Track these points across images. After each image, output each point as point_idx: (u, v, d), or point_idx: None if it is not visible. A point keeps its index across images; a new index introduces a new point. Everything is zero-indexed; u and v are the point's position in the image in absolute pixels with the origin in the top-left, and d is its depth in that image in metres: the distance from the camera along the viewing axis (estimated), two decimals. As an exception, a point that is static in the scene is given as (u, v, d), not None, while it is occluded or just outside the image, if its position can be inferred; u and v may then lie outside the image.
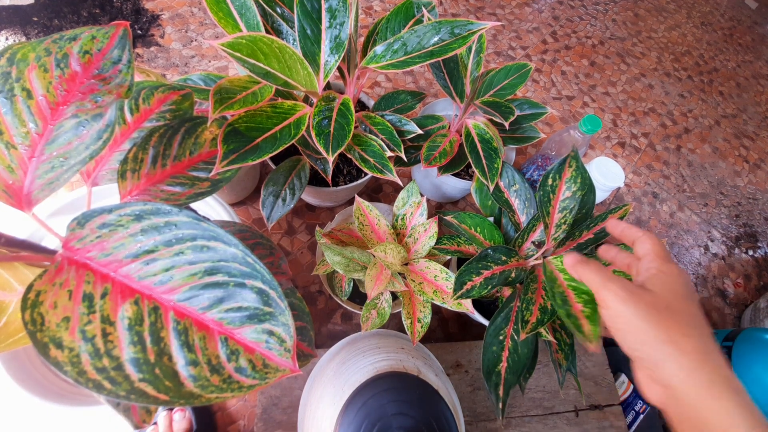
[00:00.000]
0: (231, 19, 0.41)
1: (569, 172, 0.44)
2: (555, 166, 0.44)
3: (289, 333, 0.19)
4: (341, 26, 0.41)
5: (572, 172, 0.44)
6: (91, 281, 0.18)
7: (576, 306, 0.37)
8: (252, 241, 0.34)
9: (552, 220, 0.43)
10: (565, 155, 0.67)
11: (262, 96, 0.40)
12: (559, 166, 0.44)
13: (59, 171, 0.22)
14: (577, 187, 0.43)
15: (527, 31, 1.14)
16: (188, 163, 0.31)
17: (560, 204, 0.43)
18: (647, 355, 0.23)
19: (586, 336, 0.35)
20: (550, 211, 0.43)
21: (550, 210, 0.43)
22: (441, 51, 0.40)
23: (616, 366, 0.72)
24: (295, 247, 0.70)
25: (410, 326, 0.49)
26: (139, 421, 0.25)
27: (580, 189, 0.43)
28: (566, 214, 0.42)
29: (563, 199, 0.43)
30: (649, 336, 0.23)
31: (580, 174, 0.43)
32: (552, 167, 0.44)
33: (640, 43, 1.26)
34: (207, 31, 0.88)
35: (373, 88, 0.91)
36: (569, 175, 0.44)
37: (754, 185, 1.06)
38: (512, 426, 0.59)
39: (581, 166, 0.45)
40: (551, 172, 0.44)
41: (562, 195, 0.43)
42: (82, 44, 0.24)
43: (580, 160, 0.44)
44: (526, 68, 0.57)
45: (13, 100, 0.22)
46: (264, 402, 0.54)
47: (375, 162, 0.46)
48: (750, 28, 1.49)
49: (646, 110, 1.10)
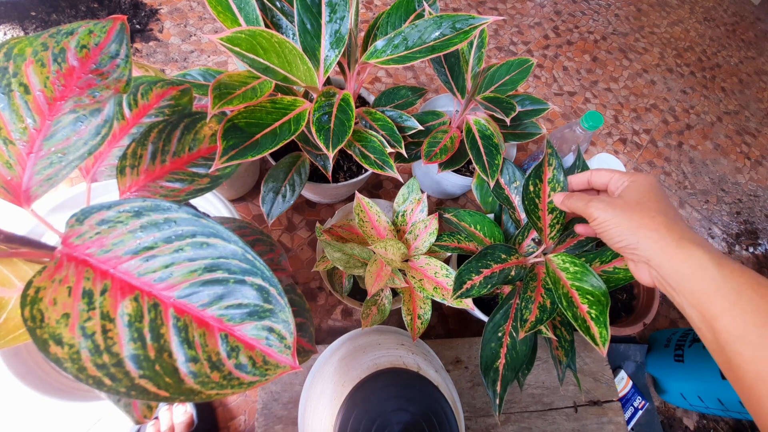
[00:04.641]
0: (230, 13, 0.41)
1: (550, 172, 0.42)
2: (532, 171, 0.42)
3: (289, 330, 0.19)
4: (341, 21, 0.41)
5: (554, 171, 0.42)
6: (90, 278, 0.18)
7: (582, 307, 0.37)
8: (252, 237, 0.34)
9: (545, 222, 0.42)
10: (565, 152, 0.66)
11: (262, 91, 0.40)
12: (536, 170, 0.42)
13: (58, 167, 0.22)
14: (561, 187, 0.41)
15: (529, 26, 1.13)
16: (187, 159, 0.31)
17: (549, 205, 0.42)
18: (628, 242, 0.29)
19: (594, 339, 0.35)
20: (540, 215, 0.42)
21: (539, 215, 0.42)
22: (442, 46, 0.40)
23: (616, 362, 0.72)
24: (295, 243, 0.70)
25: (410, 322, 0.49)
26: (140, 417, 0.25)
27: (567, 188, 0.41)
28: (557, 214, 0.42)
29: (551, 200, 0.42)
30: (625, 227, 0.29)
31: (562, 171, 0.41)
32: (529, 173, 0.42)
33: (643, 38, 1.25)
34: (206, 25, 0.87)
35: (373, 84, 0.90)
36: (551, 175, 0.42)
37: (755, 182, 1.06)
38: (512, 421, 0.59)
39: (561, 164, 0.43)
40: (530, 177, 0.42)
41: (549, 197, 0.42)
42: (79, 39, 0.23)
43: (559, 159, 0.42)
44: (528, 64, 0.57)
45: (10, 95, 0.22)
46: (265, 397, 0.55)
47: (375, 158, 0.46)
48: (753, 24, 1.48)
49: (647, 106, 1.09)
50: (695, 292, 0.25)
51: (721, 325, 0.23)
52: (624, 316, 0.70)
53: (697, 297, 0.25)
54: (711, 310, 0.24)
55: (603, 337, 0.35)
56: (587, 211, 0.32)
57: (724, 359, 0.24)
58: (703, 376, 0.62)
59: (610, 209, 0.30)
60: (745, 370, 0.22)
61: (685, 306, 0.26)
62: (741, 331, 0.22)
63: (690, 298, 0.25)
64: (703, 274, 0.25)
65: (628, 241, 0.29)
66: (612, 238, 0.30)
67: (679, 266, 0.26)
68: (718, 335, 0.24)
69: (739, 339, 0.22)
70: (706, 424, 0.72)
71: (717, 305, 0.24)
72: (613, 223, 0.30)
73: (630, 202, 0.30)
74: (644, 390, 0.71)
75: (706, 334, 0.25)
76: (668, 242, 0.27)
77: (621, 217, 0.29)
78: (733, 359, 0.23)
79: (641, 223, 0.28)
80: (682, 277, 0.26)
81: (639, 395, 0.69)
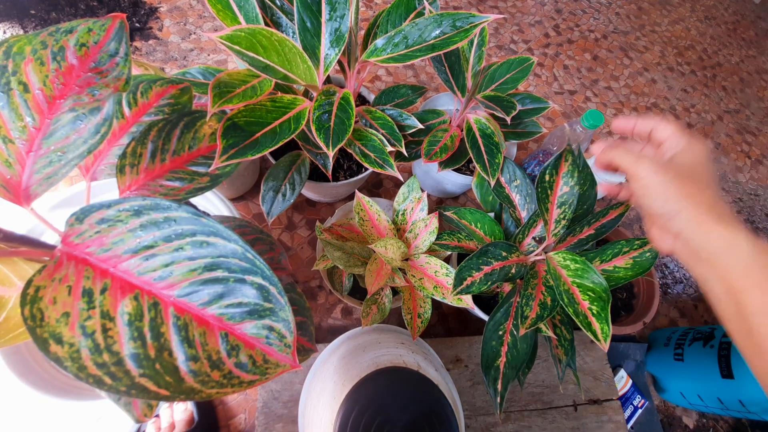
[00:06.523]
0: (230, 11, 0.41)
1: (566, 167, 0.43)
2: (551, 161, 0.43)
3: (290, 329, 0.19)
4: (341, 19, 0.41)
5: (569, 167, 0.43)
6: (90, 276, 0.18)
7: (583, 304, 0.37)
8: (252, 236, 0.34)
9: (551, 216, 0.42)
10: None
11: (262, 90, 0.40)
12: (555, 161, 0.43)
13: (57, 166, 0.22)
14: (574, 182, 0.42)
15: (529, 24, 1.13)
16: (187, 158, 0.31)
17: (558, 200, 0.43)
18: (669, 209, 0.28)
19: (596, 335, 0.35)
20: (549, 207, 0.43)
21: (548, 206, 0.43)
22: (442, 44, 0.40)
23: (615, 361, 0.72)
24: (295, 242, 0.70)
25: (410, 321, 0.49)
26: (140, 416, 0.25)
27: (579, 184, 0.42)
28: (565, 209, 0.42)
29: (561, 194, 0.42)
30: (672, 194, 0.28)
31: (577, 168, 0.42)
32: (548, 162, 0.44)
33: (644, 37, 1.24)
34: (206, 23, 0.87)
35: (373, 82, 0.90)
36: (566, 170, 0.43)
37: (756, 181, 1.06)
38: (511, 420, 0.59)
39: (580, 160, 0.44)
40: (548, 168, 0.43)
41: (560, 191, 0.43)
42: (78, 37, 0.23)
43: (576, 155, 0.43)
44: (529, 62, 0.57)
45: (9, 93, 0.22)
46: (265, 396, 0.55)
47: (375, 157, 0.46)
48: (754, 22, 1.47)
49: (648, 105, 1.09)
50: (727, 265, 0.26)
51: (750, 298, 0.25)
52: (624, 314, 0.70)
53: (728, 270, 0.26)
54: (741, 282, 0.25)
55: (604, 332, 0.35)
56: (635, 169, 0.30)
57: (745, 328, 0.26)
58: (702, 375, 0.62)
59: (662, 173, 0.29)
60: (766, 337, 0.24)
61: (710, 277, 0.27)
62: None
63: (721, 271, 0.26)
64: (737, 249, 0.26)
65: (670, 208, 0.28)
66: (654, 201, 0.29)
67: (715, 241, 0.26)
68: (743, 307, 0.25)
69: (765, 311, 0.24)
70: (706, 423, 0.72)
71: (748, 279, 0.25)
72: (662, 188, 0.28)
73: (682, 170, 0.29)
74: (644, 389, 0.71)
75: (729, 304, 0.26)
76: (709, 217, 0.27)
77: (671, 184, 0.28)
78: (756, 329, 0.25)
79: (689, 194, 0.28)
80: (716, 251, 0.26)
81: (639, 394, 0.69)
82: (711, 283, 0.28)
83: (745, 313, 0.25)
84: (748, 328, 0.25)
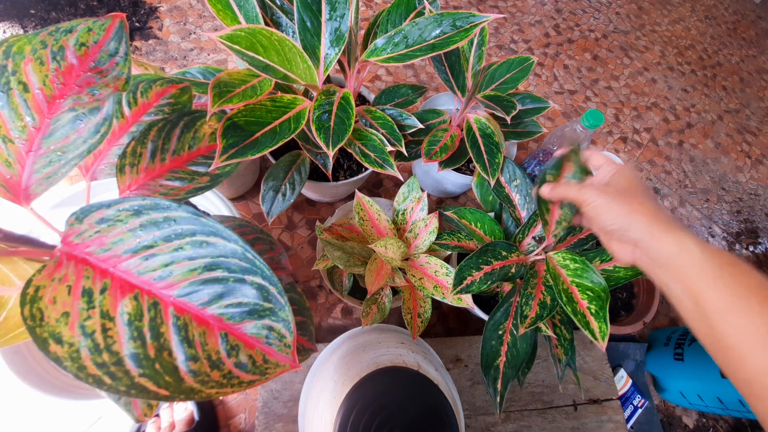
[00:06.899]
0: (230, 11, 0.41)
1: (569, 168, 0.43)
2: (555, 162, 0.43)
3: (289, 328, 0.19)
4: (341, 18, 0.41)
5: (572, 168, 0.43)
6: (90, 276, 0.18)
7: (581, 303, 0.37)
8: (252, 236, 0.34)
9: (552, 217, 0.42)
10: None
11: (262, 89, 0.40)
12: (558, 162, 0.43)
13: (57, 165, 0.22)
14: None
15: (530, 24, 1.13)
16: (187, 158, 0.31)
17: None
18: (620, 225, 0.31)
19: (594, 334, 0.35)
20: (550, 208, 0.43)
21: (549, 207, 0.43)
22: (442, 44, 0.40)
23: (615, 361, 0.72)
24: (295, 242, 0.70)
25: (410, 321, 0.49)
26: (140, 415, 0.25)
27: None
28: (566, 211, 0.42)
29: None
30: (618, 212, 0.31)
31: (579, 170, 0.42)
32: (549, 163, 0.43)
33: (644, 36, 1.24)
34: (206, 23, 0.87)
35: (373, 82, 0.90)
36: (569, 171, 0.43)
37: (755, 181, 1.06)
38: (511, 420, 0.59)
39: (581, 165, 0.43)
40: (550, 168, 0.43)
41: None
42: (78, 36, 0.23)
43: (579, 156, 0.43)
44: (529, 62, 0.57)
45: (9, 93, 0.22)
46: (265, 395, 0.55)
47: (375, 157, 0.46)
48: (754, 22, 1.47)
49: (648, 105, 1.09)
50: (681, 268, 0.28)
51: (706, 297, 0.27)
52: (624, 314, 0.70)
53: (683, 272, 0.28)
54: (697, 283, 0.27)
55: (602, 331, 0.35)
56: (581, 197, 0.34)
57: (706, 326, 0.27)
58: (702, 375, 0.62)
59: (605, 195, 0.33)
60: (725, 334, 0.26)
61: (668, 281, 0.29)
62: (724, 302, 0.26)
63: (676, 274, 0.28)
64: (689, 253, 0.28)
65: (620, 224, 0.31)
66: (605, 221, 0.32)
67: (667, 246, 0.29)
68: (702, 306, 0.27)
69: (723, 309, 0.26)
70: (706, 423, 0.72)
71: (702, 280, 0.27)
72: (607, 207, 0.32)
73: (620, 189, 0.33)
74: (644, 388, 0.71)
75: (688, 304, 0.28)
76: (657, 226, 0.30)
77: (614, 203, 0.32)
78: (716, 326, 0.26)
79: (632, 209, 0.31)
80: (669, 256, 0.29)
81: (638, 394, 0.69)
82: (671, 286, 0.29)
83: (705, 313, 0.27)
84: (709, 326, 0.27)
